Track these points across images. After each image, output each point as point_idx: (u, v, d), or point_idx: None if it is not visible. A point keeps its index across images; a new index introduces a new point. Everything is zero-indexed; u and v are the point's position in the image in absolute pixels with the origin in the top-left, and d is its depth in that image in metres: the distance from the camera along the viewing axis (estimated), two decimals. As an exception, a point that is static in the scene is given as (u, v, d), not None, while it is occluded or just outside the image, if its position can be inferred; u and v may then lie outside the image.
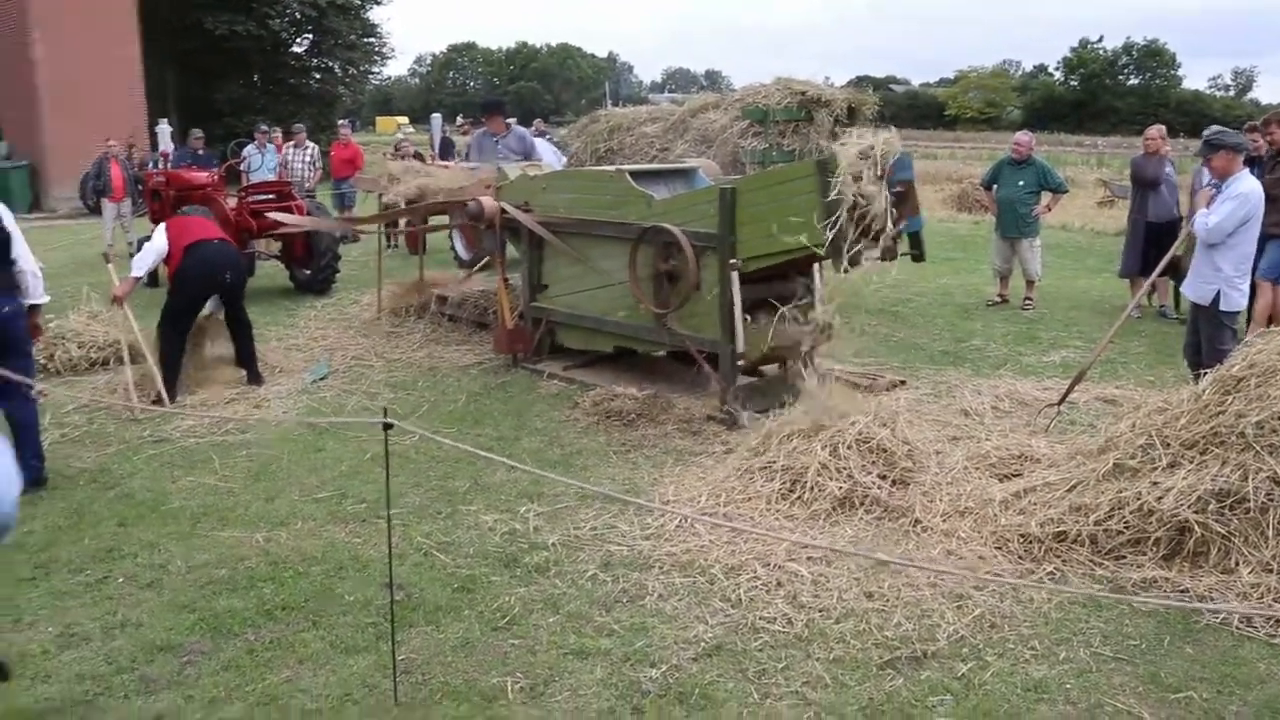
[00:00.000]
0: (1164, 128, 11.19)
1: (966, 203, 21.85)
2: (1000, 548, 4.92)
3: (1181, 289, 7.80)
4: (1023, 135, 11.53)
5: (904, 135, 8.01)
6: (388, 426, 3.67)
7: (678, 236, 7.02)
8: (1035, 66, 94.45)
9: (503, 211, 8.34)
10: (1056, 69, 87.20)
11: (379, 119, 69.76)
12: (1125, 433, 5.21)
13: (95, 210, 15.56)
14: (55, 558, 5.02)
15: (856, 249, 6.60)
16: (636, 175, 7.92)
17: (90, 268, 13.00)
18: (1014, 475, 5.66)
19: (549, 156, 11.37)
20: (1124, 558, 4.74)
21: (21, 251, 5.89)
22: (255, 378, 8.16)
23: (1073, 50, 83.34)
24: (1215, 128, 7.13)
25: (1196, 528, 4.61)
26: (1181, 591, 4.49)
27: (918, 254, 7.26)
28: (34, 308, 6.05)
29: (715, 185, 7.40)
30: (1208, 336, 6.92)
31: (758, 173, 8.94)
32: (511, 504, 5.65)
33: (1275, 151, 8.78)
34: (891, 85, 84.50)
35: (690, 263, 6.99)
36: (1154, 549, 4.70)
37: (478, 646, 4.15)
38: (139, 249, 8.72)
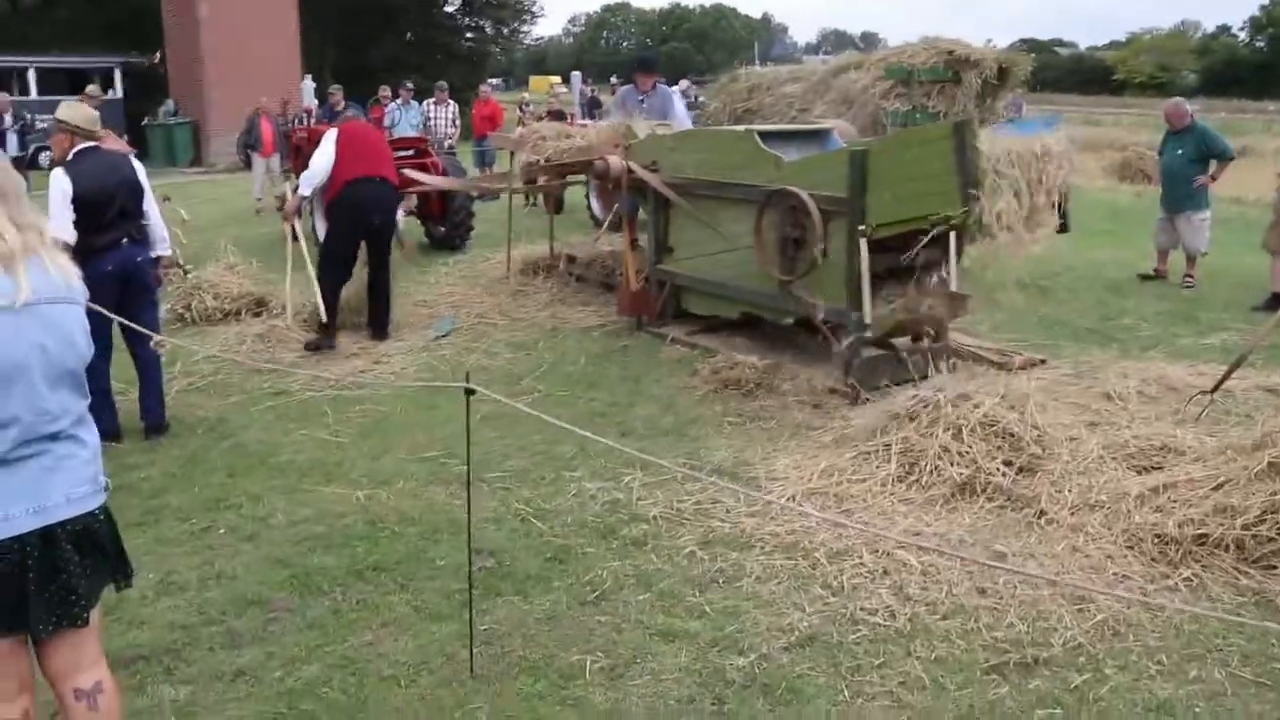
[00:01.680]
0: None
1: (1129, 172, 20.67)
2: (1132, 547, 4.50)
3: None
4: (1169, 104, 10.75)
5: (1064, 100, 7.51)
6: (469, 392, 3.54)
7: (804, 200, 6.71)
8: (1218, 27, 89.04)
9: (630, 171, 8.16)
10: (1242, 29, 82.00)
11: (532, 78, 70.38)
12: (1285, 428, 4.72)
13: (249, 165, 16.06)
14: (165, 504, 5.11)
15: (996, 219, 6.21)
16: (767, 136, 7.60)
17: (237, 220, 13.39)
18: (1154, 468, 5.20)
19: (679, 115, 10.95)
20: (1274, 568, 4.29)
21: (151, 205, 6.08)
22: (381, 333, 8.22)
23: (1262, 8, 78.06)
24: None
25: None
26: (1341, 610, 4.04)
27: (1062, 224, 6.80)
28: (158, 257, 6.22)
29: (846, 147, 7.06)
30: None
31: (891, 134, 8.55)
32: (617, 472, 5.48)
33: None
34: (1055, 48, 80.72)
35: (816, 228, 6.69)
36: (1310, 559, 4.25)
37: (563, 620, 4.03)
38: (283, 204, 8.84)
